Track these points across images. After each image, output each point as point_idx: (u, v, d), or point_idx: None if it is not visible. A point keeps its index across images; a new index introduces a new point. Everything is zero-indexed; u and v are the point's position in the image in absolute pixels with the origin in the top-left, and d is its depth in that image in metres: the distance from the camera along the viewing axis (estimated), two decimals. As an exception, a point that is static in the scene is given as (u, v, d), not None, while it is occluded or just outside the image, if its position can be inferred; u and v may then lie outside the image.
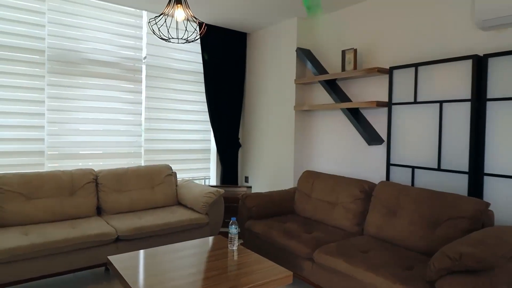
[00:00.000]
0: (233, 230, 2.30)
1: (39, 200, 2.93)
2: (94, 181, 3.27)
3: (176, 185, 3.80)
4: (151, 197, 3.48)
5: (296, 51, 3.91)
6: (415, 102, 2.95)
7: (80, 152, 3.64)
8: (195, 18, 2.25)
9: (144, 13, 3.95)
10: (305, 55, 3.81)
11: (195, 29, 2.23)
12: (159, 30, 2.22)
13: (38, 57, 3.37)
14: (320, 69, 3.73)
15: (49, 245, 2.45)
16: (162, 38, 2.19)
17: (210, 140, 4.61)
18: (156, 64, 4.09)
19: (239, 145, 4.75)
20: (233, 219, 2.31)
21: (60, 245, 2.49)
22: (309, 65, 3.76)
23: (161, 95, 4.15)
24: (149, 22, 2.25)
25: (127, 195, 3.36)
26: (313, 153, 3.94)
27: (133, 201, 3.37)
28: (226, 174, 4.61)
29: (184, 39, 2.23)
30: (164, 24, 2.72)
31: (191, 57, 4.35)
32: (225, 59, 4.48)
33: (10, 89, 3.24)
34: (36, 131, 3.40)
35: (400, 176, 3.07)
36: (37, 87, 3.39)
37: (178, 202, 3.69)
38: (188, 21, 2.53)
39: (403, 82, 3.05)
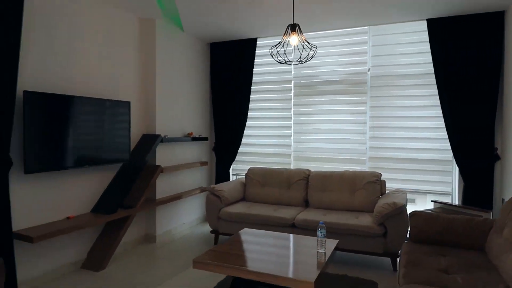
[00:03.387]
0: (319, 234, 2.38)
1: (268, 187, 4.18)
2: (305, 179, 4.07)
3: (382, 193, 3.77)
4: (348, 200, 3.76)
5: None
6: None
7: (315, 155, 4.54)
8: (307, 42, 2.56)
9: (368, 28, 4.21)
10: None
11: (310, 48, 2.54)
12: (280, 55, 2.74)
13: (287, 85, 4.66)
14: None
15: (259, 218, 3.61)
16: (281, 62, 2.67)
17: (450, 150, 3.95)
18: (380, 73, 4.19)
19: (495, 157, 3.68)
20: (321, 223, 2.39)
21: (260, 221, 3.58)
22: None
23: (386, 103, 4.18)
24: (270, 49, 2.81)
25: (328, 195, 3.88)
26: None
27: (332, 201, 3.83)
28: (471, 192, 3.75)
29: (299, 60, 2.59)
30: (284, 50, 3.06)
31: (419, 59, 4.00)
32: (466, 52, 3.69)
33: (271, 111, 4.75)
34: (286, 139, 4.69)
35: None
36: (287, 107, 4.68)
37: (373, 210, 3.67)
38: (303, 45, 2.71)
39: None
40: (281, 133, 4.74)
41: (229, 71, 4.85)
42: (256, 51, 4.71)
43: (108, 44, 3.52)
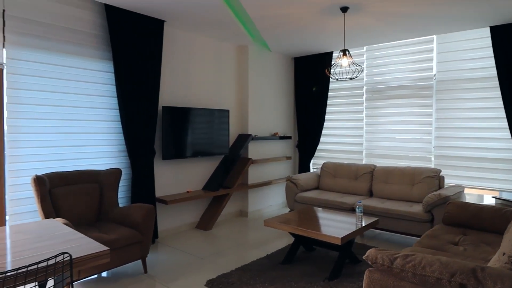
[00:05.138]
0: (357, 210, 3.15)
1: (338, 178, 4.96)
2: (371, 172, 4.72)
3: (439, 187, 4.20)
4: (407, 192, 4.30)
5: None
6: None
7: (385, 153, 5.12)
8: (355, 63, 3.32)
9: (434, 37, 4.61)
10: None
11: (357, 69, 3.33)
12: (336, 74, 3.57)
13: (359, 91, 5.33)
14: None
15: (320, 201, 4.49)
16: (336, 79, 3.46)
17: (515, 149, 4.12)
18: (445, 78, 4.55)
19: (562, 157, 3.78)
20: (359, 202, 3.15)
21: (327, 205, 4.44)
22: None
23: (451, 106, 4.53)
24: (327, 69, 3.62)
25: (390, 187, 4.47)
26: None
27: (393, 192, 4.42)
28: (535, 190, 3.91)
29: (349, 77, 3.37)
30: (335, 69, 3.71)
31: (484, 63, 4.25)
32: (530, 55, 3.87)
33: (345, 114, 5.48)
34: (359, 138, 5.37)
35: None
36: (359, 110, 5.35)
37: (432, 202, 4.13)
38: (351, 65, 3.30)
39: None
40: (355, 132, 5.43)
41: (310, 80, 5.75)
42: (332, 62, 5.50)
43: (215, 68, 4.82)
